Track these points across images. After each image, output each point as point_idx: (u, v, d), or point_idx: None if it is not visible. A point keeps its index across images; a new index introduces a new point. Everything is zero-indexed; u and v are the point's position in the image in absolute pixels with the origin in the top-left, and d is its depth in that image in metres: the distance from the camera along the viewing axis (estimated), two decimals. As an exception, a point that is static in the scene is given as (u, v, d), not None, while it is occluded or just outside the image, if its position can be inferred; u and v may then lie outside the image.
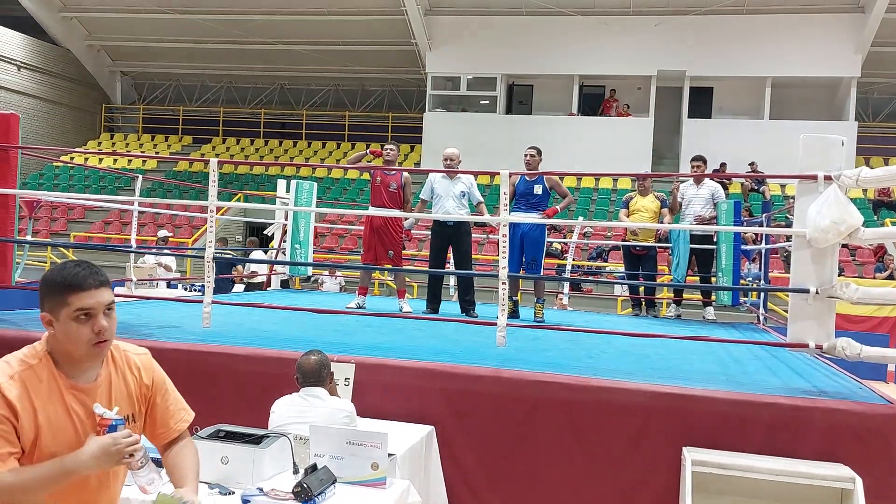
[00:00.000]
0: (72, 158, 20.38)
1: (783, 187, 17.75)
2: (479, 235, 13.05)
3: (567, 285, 10.62)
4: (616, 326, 6.14)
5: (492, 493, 3.84)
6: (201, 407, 3.50)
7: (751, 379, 4.34)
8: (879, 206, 16.75)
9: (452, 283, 9.21)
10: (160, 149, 23.49)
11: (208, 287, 4.86)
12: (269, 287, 10.06)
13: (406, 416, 3.88)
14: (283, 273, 10.11)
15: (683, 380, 3.99)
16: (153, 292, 9.29)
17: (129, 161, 21.93)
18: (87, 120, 24.97)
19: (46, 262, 13.49)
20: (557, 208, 6.97)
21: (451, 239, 6.93)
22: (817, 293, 3.93)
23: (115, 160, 21.86)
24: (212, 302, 4.89)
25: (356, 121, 23.36)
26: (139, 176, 8.40)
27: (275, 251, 9.94)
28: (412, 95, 23.05)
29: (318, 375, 3.47)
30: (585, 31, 19.02)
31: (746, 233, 8.92)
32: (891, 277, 12.87)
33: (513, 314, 6.54)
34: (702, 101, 19.61)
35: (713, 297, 8.73)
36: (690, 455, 3.42)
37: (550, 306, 9.33)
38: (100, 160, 21.25)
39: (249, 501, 2.74)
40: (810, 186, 4.02)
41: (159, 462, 2.20)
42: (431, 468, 3.78)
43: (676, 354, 5.20)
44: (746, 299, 8.94)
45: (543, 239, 6.85)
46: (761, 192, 16.89)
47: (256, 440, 2.97)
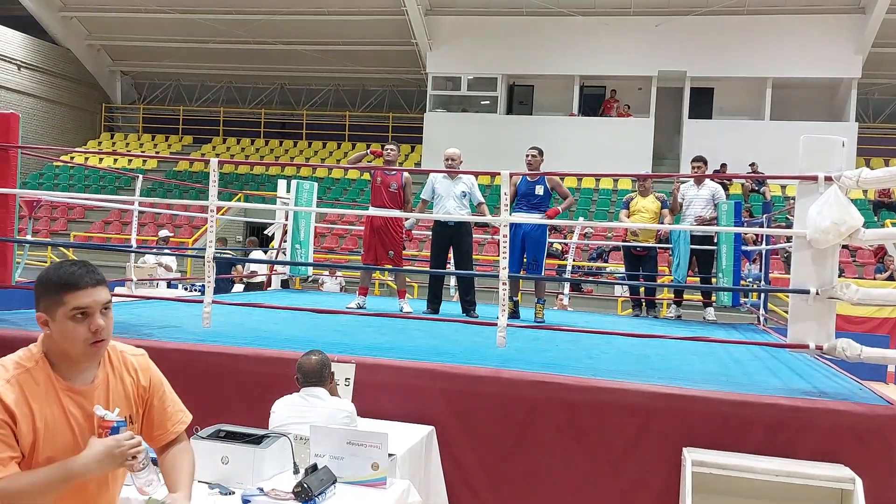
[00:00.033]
0: (72, 158, 20.40)
1: (783, 188, 17.76)
2: (480, 236, 13.04)
3: (567, 286, 10.62)
4: (616, 327, 6.14)
5: (492, 494, 3.84)
6: (202, 407, 3.50)
7: (751, 380, 4.34)
8: (880, 207, 16.75)
9: (453, 284, 9.21)
10: (160, 148, 23.49)
11: (209, 287, 4.86)
12: (270, 287, 10.06)
13: (406, 417, 3.88)
14: (284, 273, 10.11)
15: (684, 380, 3.99)
16: (153, 292, 9.30)
17: (130, 161, 21.94)
18: (88, 119, 24.98)
19: (46, 262, 13.46)
20: (559, 209, 6.96)
21: (452, 239, 6.93)
22: (817, 294, 3.93)
23: (116, 160, 21.87)
24: (212, 302, 4.89)
25: (356, 121, 23.36)
26: (139, 176, 8.41)
27: (275, 251, 9.94)
28: (413, 95, 23.05)
29: (319, 375, 3.47)
30: (586, 32, 19.02)
31: (747, 233, 8.91)
32: (891, 278, 12.86)
33: (513, 314, 6.54)
34: (702, 102, 19.61)
35: (713, 298, 8.74)
36: (690, 455, 3.42)
37: (551, 307, 9.33)
38: (100, 160, 21.25)
39: (250, 501, 2.74)
40: (811, 187, 4.02)
41: (156, 462, 2.18)
42: (432, 468, 3.78)
43: (677, 355, 5.20)
44: (747, 300, 8.94)
45: (545, 239, 6.85)
46: (762, 193, 16.90)
47: (257, 440, 2.97)
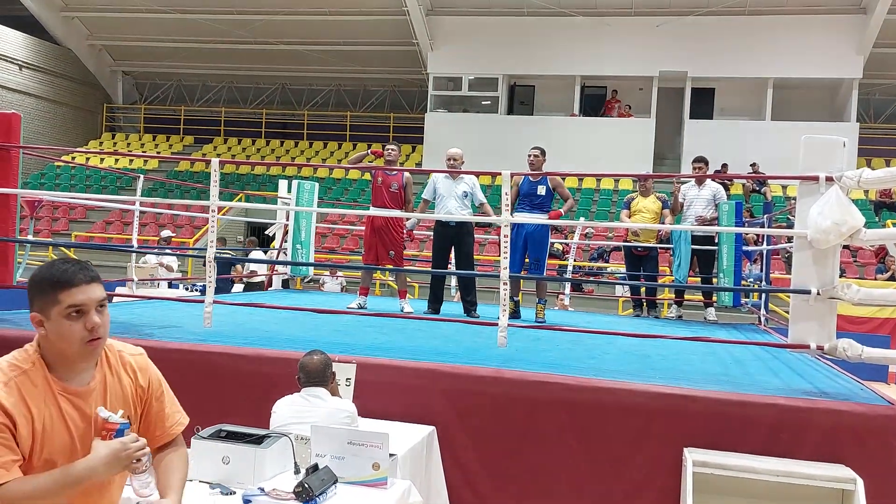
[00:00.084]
0: (73, 158, 20.42)
1: (784, 188, 17.75)
2: (481, 236, 13.04)
3: (568, 286, 10.62)
4: (617, 327, 6.14)
5: (493, 494, 3.83)
6: (203, 407, 3.51)
7: (752, 380, 4.34)
8: (881, 208, 16.74)
9: (454, 284, 9.20)
10: (161, 149, 23.50)
11: (210, 287, 4.86)
12: (271, 287, 10.06)
13: (407, 417, 3.88)
14: (285, 273, 10.12)
15: (685, 380, 3.99)
16: (154, 292, 9.31)
17: (131, 161, 21.95)
18: (89, 119, 24.99)
19: (48, 262, 13.46)
20: (562, 211, 6.96)
21: (454, 239, 6.93)
22: (818, 294, 3.93)
23: (117, 160, 21.89)
24: (213, 302, 4.89)
25: (357, 121, 23.36)
26: (140, 176, 8.42)
27: (276, 251, 9.94)
28: (414, 96, 23.06)
29: (322, 375, 3.47)
30: (587, 32, 19.01)
31: (748, 234, 8.91)
32: (892, 279, 12.85)
33: (514, 314, 6.54)
34: (703, 102, 19.60)
35: (714, 298, 8.74)
36: (691, 456, 3.42)
37: (551, 307, 9.33)
38: (101, 160, 21.28)
39: (251, 501, 2.74)
40: (812, 187, 4.02)
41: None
42: (432, 468, 3.78)
43: (677, 355, 5.20)
44: (748, 300, 8.94)
45: (547, 240, 6.85)
46: (763, 193, 16.89)
47: (258, 440, 2.97)
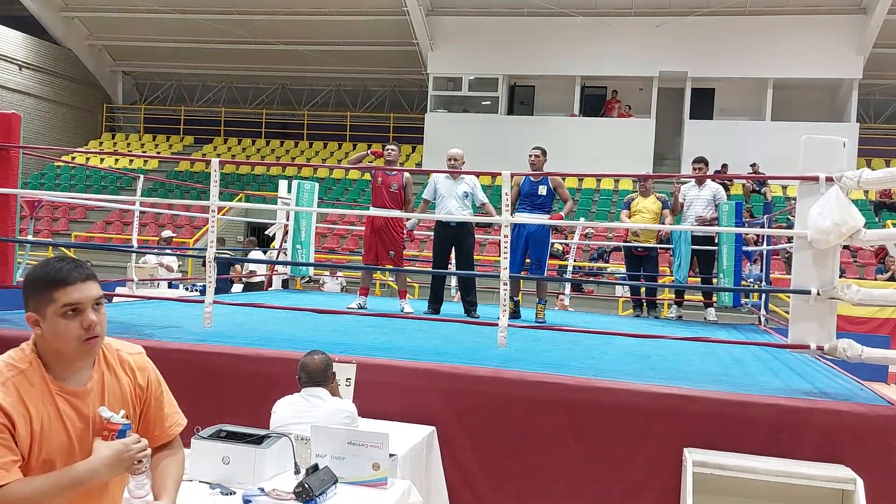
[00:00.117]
0: (73, 158, 20.41)
1: (784, 188, 17.75)
2: (482, 236, 13.03)
3: (568, 286, 10.62)
4: (617, 327, 6.14)
5: (493, 494, 3.84)
6: (203, 407, 3.51)
7: (752, 380, 4.34)
8: (881, 208, 16.74)
9: (454, 284, 9.20)
10: (161, 149, 23.50)
11: (210, 287, 4.86)
12: (271, 287, 10.06)
13: (407, 417, 3.88)
14: (285, 273, 10.11)
15: (684, 381, 3.99)
16: (154, 292, 9.30)
17: (131, 161, 21.94)
18: (89, 120, 24.99)
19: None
20: (562, 215, 6.95)
21: (455, 240, 6.92)
22: (818, 294, 3.93)
23: (117, 160, 21.88)
24: (213, 302, 4.89)
25: (357, 121, 23.36)
26: (140, 176, 8.41)
27: (276, 251, 9.93)
28: (414, 96, 23.05)
29: (323, 375, 3.47)
30: (587, 32, 19.01)
31: (748, 234, 8.91)
32: (892, 279, 12.85)
33: (514, 314, 6.54)
34: (703, 103, 19.60)
35: (714, 299, 8.74)
36: (691, 456, 3.42)
37: (551, 307, 9.33)
38: (101, 160, 21.27)
39: (251, 501, 2.73)
40: (812, 188, 4.02)
41: None
42: (432, 468, 3.78)
43: (677, 355, 5.20)
44: (748, 300, 8.94)
45: (549, 240, 6.84)
46: (763, 194, 16.89)
47: (258, 440, 2.97)
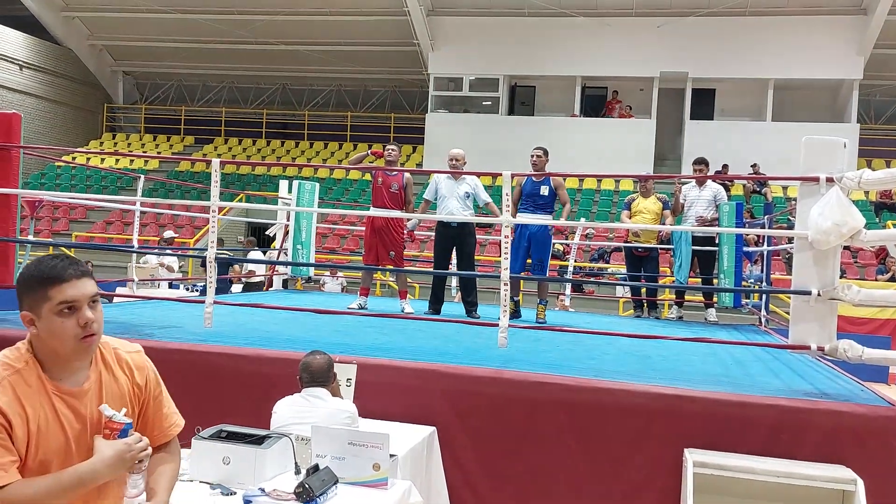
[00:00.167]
0: (74, 158, 20.41)
1: (785, 189, 17.75)
2: (483, 237, 13.02)
3: (569, 286, 10.62)
4: (618, 328, 6.14)
5: (493, 494, 3.83)
6: (203, 407, 3.51)
7: (752, 380, 4.33)
8: (881, 208, 16.74)
9: (454, 285, 9.20)
10: (162, 149, 23.50)
11: (210, 287, 4.86)
12: (271, 287, 10.06)
13: (407, 417, 3.88)
14: (285, 273, 10.11)
15: (685, 381, 3.99)
16: (155, 292, 9.30)
17: (131, 161, 21.95)
18: (89, 120, 25.00)
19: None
20: (563, 220, 6.95)
21: (456, 240, 6.92)
22: (819, 295, 3.93)
23: (117, 160, 21.88)
24: (213, 302, 4.89)
25: (358, 121, 23.36)
26: (141, 176, 8.41)
27: (276, 251, 9.93)
28: (414, 96, 23.06)
29: (325, 376, 3.48)
30: (588, 33, 19.01)
31: (748, 234, 8.90)
32: (893, 279, 12.85)
33: (515, 315, 6.53)
34: (704, 103, 19.60)
35: (715, 299, 8.74)
36: (692, 456, 3.42)
37: (552, 307, 9.33)
38: (102, 160, 21.27)
39: (251, 502, 2.73)
40: (812, 188, 4.02)
41: None
42: (433, 469, 3.78)
43: (678, 356, 5.20)
44: (748, 301, 8.93)
45: (550, 240, 6.84)
46: (763, 194, 16.88)
47: (258, 440, 2.97)
